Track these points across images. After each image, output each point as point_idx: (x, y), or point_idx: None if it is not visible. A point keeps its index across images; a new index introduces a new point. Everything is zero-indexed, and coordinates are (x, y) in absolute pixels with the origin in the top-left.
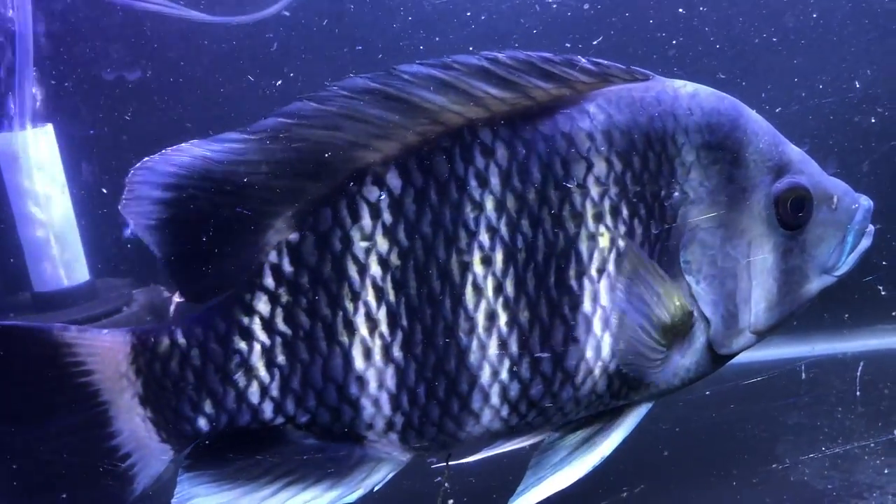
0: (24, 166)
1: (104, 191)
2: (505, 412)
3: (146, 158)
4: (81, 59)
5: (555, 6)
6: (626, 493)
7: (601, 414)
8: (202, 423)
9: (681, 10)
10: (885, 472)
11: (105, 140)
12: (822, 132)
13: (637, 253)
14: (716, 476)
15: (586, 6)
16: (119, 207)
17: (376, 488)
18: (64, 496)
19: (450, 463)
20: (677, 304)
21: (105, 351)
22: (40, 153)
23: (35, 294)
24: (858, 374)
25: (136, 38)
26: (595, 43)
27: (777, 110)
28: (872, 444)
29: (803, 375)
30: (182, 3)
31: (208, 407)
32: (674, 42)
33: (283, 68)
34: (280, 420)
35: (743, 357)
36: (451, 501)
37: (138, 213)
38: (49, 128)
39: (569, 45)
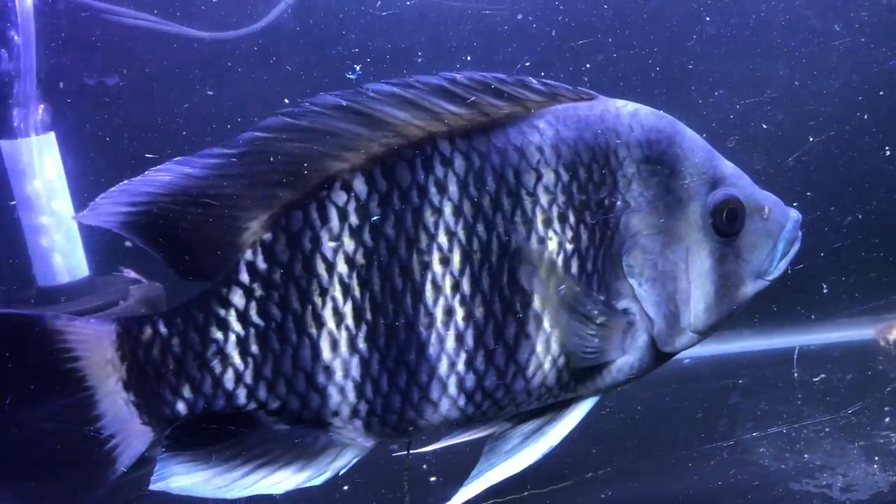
0: (29, 171)
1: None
2: (461, 402)
3: (125, 181)
4: (80, 70)
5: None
6: (591, 474)
7: (551, 406)
8: (181, 406)
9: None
10: (836, 453)
11: (103, 146)
12: (747, 130)
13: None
14: (674, 456)
15: (519, 16)
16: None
17: (342, 472)
18: (50, 475)
19: (410, 451)
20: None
21: (92, 338)
22: (43, 159)
23: (39, 288)
24: (795, 356)
25: (131, 49)
26: (526, 62)
27: (712, 128)
28: (828, 429)
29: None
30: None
31: (187, 392)
32: (601, 55)
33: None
34: (253, 405)
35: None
36: (432, 479)
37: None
38: (51, 135)
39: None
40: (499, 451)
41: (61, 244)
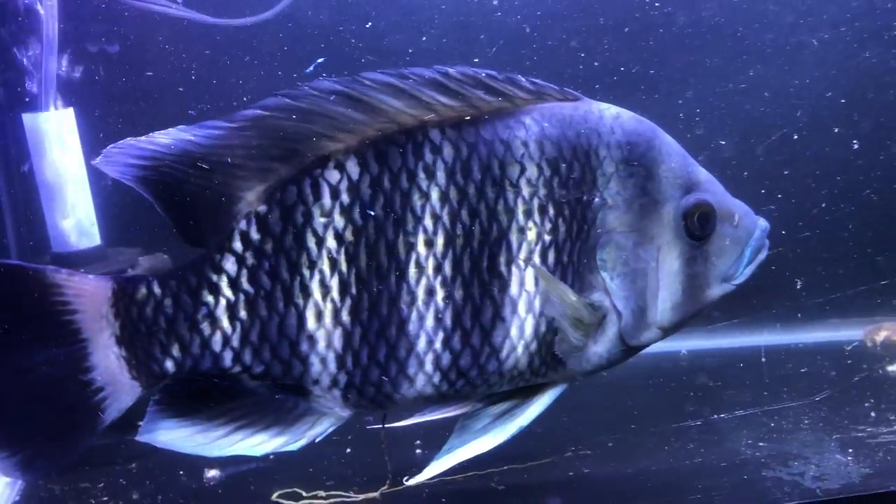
0: (48, 144)
1: None
2: (437, 379)
3: (130, 138)
4: (96, 48)
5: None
6: (571, 452)
7: (521, 390)
8: (169, 364)
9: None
10: (812, 444)
11: (119, 123)
12: (715, 121)
13: (543, 271)
14: (654, 438)
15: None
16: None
17: (318, 440)
18: (42, 420)
19: (385, 425)
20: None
21: (89, 293)
22: (62, 132)
23: (53, 254)
24: (762, 349)
25: (147, 34)
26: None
27: (680, 119)
28: (807, 421)
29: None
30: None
31: (175, 351)
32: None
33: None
34: (238, 369)
35: None
36: (418, 451)
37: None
38: (70, 110)
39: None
40: (470, 429)
41: (76, 214)
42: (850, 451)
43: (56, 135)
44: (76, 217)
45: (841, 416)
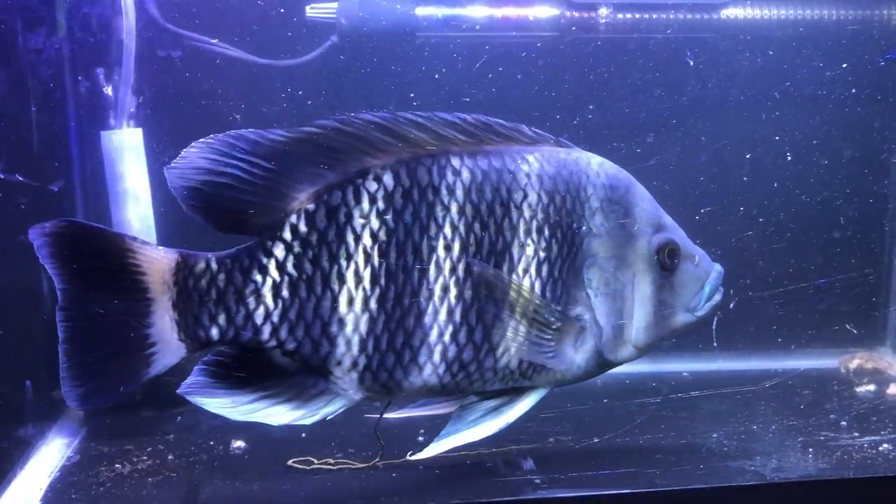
0: (121, 159)
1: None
2: (441, 369)
3: (210, 136)
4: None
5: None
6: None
7: (510, 390)
8: (214, 332)
9: None
10: (776, 444)
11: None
12: (661, 133)
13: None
14: (621, 435)
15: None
16: (165, 169)
17: (329, 418)
18: (103, 361)
19: (383, 415)
20: (548, 313)
21: (157, 261)
22: (133, 149)
23: None
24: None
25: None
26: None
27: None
28: (773, 427)
29: None
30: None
31: (222, 320)
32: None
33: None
34: (273, 343)
35: None
36: (420, 438)
37: (182, 174)
38: (139, 130)
39: None
40: (464, 419)
41: (139, 223)
42: (811, 450)
43: (128, 151)
44: (139, 226)
45: (808, 425)
